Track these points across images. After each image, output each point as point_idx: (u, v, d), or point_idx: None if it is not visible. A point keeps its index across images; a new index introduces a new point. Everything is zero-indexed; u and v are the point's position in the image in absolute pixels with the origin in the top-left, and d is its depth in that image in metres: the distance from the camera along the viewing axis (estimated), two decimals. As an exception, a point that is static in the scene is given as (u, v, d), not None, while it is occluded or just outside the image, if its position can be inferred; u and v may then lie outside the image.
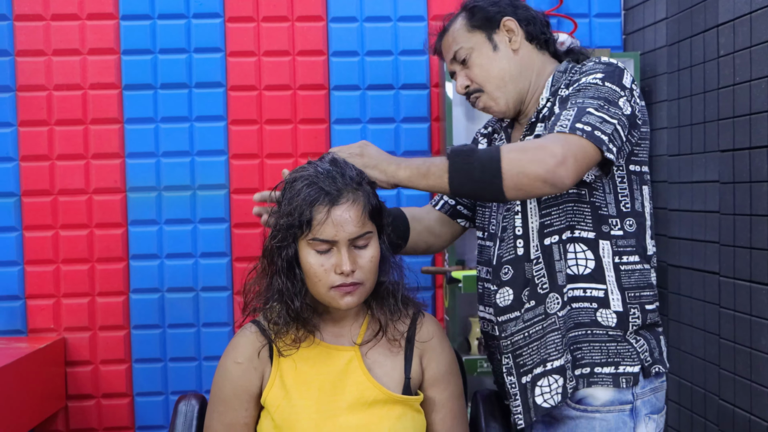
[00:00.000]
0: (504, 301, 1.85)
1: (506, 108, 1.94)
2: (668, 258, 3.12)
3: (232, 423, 1.74)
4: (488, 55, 1.92)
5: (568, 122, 1.67)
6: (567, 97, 1.77)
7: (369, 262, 1.66)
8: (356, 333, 1.77)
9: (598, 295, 1.79)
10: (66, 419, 3.29)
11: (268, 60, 3.29)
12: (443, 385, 1.80)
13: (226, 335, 3.31)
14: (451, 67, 2.00)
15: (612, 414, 1.78)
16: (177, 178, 3.28)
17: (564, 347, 1.78)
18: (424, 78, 3.34)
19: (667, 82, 3.10)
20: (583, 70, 1.82)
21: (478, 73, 1.93)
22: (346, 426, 1.67)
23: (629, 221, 1.82)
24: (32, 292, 3.26)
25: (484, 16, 1.93)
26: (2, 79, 3.22)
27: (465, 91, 1.97)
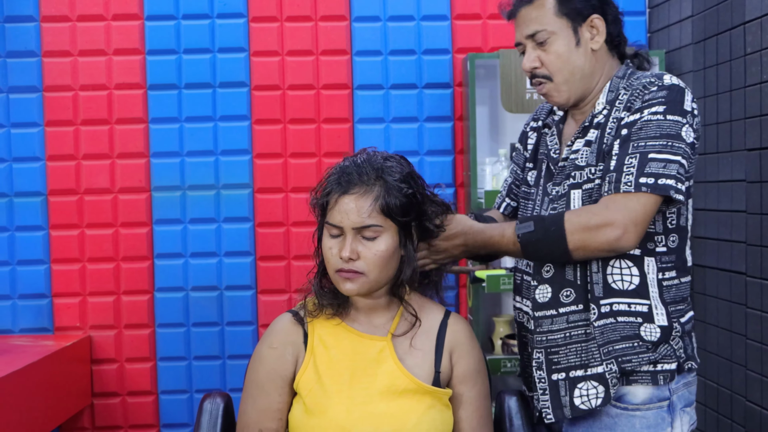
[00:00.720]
0: (543, 297, 1.89)
1: (566, 101, 1.92)
2: (694, 258, 3.10)
3: (265, 408, 1.77)
4: (569, 47, 1.87)
5: (632, 177, 1.73)
6: (628, 136, 1.78)
7: (374, 255, 1.69)
8: (389, 324, 1.81)
9: (642, 310, 1.83)
10: (92, 417, 3.33)
11: (291, 59, 3.30)
12: (471, 382, 1.82)
13: (250, 334, 3.32)
14: (522, 40, 1.92)
15: (651, 411, 1.83)
16: (201, 177, 3.30)
17: (603, 356, 1.83)
18: (447, 77, 3.34)
19: (693, 80, 3.08)
20: (645, 97, 1.80)
21: (554, 61, 1.88)
22: (376, 413, 1.70)
23: (673, 237, 1.86)
24: (59, 290, 3.30)
25: (576, 7, 1.87)
26: (29, 80, 3.26)
27: (531, 72, 1.92)
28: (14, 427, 2.61)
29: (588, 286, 1.85)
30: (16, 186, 3.27)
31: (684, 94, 1.80)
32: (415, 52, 3.32)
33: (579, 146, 1.89)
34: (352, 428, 1.69)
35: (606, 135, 1.84)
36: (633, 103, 1.82)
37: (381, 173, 1.71)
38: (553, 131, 2.00)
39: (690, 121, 1.78)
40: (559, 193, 1.90)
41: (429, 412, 1.72)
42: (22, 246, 3.29)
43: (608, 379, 1.82)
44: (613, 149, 1.80)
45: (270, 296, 3.33)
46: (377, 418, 1.70)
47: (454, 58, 3.34)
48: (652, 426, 1.82)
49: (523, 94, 3.14)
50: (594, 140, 1.86)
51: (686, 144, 1.76)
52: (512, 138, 3.33)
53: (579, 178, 1.87)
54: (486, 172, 3.24)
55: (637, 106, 1.80)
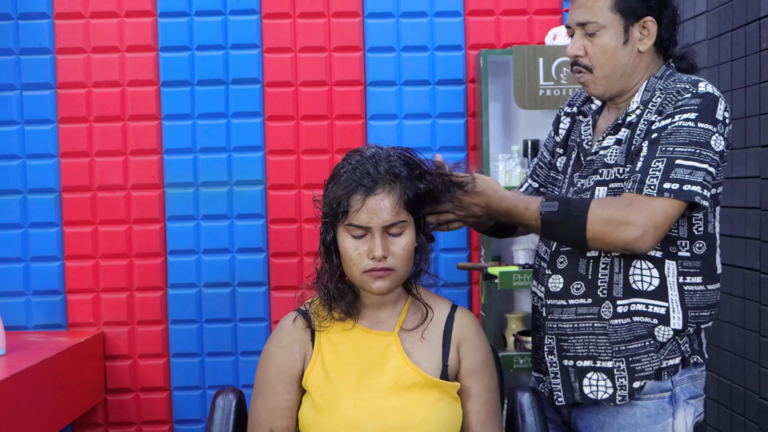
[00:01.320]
0: (555, 287, 1.93)
1: (602, 95, 1.93)
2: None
3: (274, 406, 1.78)
4: (616, 43, 1.87)
5: (656, 181, 1.75)
6: (657, 139, 1.79)
7: (402, 250, 1.71)
8: (395, 319, 1.81)
9: (660, 312, 1.85)
10: (105, 412, 3.34)
11: (304, 56, 3.30)
12: (479, 376, 1.82)
13: (263, 330, 3.33)
14: (573, 25, 1.92)
15: (652, 401, 1.87)
16: (214, 174, 3.31)
17: (614, 353, 1.87)
18: (460, 74, 3.33)
19: (707, 76, 3.06)
20: (678, 103, 1.81)
21: (599, 54, 1.88)
22: (385, 408, 1.71)
23: (699, 243, 1.87)
24: (72, 287, 3.31)
25: (633, 5, 1.87)
26: (43, 77, 3.27)
27: (574, 59, 1.92)
28: (29, 422, 2.62)
29: (598, 282, 1.88)
30: (30, 183, 3.29)
31: (717, 102, 1.80)
32: (427, 48, 3.32)
33: (609, 143, 1.90)
34: (361, 424, 1.69)
35: (635, 136, 1.86)
36: (665, 107, 1.82)
37: (395, 169, 1.71)
38: (589, 120, 2.01)
39: (721, 130, 1.79)
40: (584, 186, 1.92)
41: (437, 405, 1.73)
42: (35, 243, 3.30)
43: (616, 376, 1.86)
44: (642, 150, 1.81)
45: (282, 293, 3.33)
46: (386, 413, 1.70)
47: (467, 55, 3.33)
48: (652, 415, 1.87)
49: (536, 90, 3.14)
50: (624, 140, 1.88)
51: (715, 152, 1.78)
52: (525, 134, 3.33)
53: (606, 175, 1.88)
54: (499, 169, 3.24)
55: (669, 111, 1.81)
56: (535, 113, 3.33)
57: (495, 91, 3.32)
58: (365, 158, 1.73)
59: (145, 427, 3.35)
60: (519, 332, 3.25)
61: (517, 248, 3.27)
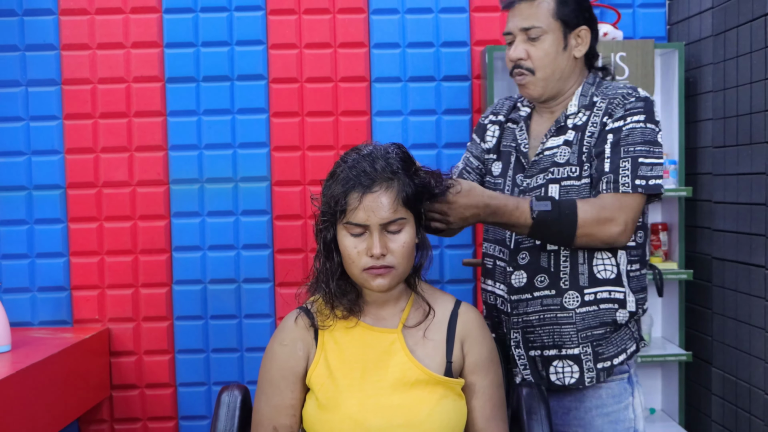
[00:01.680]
0: (518, 282, 2.08)
1: (539, 96, 2.09)
2: (713, 251, 3.09)
3: (278, 405, 1.78)
4: (557, 48, 2.05)
5: (628, 179, 1.96)
6: (617, 141, 1.99)
7: (401, 247, 1.71)
8: (399, 317, 1.81)
9: (619, 297, 2.05)
10: (111, 408, 3.34)
11: (309, 52, 3.30)
12: (484, 372, 1.82)
13: (268, 327, 3.33)
14: (514, 31, 2.07)
15: (615, 382, 2.07)
16: (219, 170, 3.31)
17: (580, 340, 2.04)
18: (465, 70, 3.33)
19: (713, 72, 3.06)
20: (627, 106, 2.01)
21: (542, 57, 2.05)
22: (389, 405, 1.71)
23: (640, 233, 2.08)
24: (77, 283, 3.31)
25: (571, 14, 2.06)
26: (48, 73, 3.27)
27: (516, 62, 2.07)
28: (35, 418, 2.63)
29: (560, 274, 2.04)
30: (35, 179, 3.29)
31: (653, 105, 2.04)
32: (433, 44, 3.32)
33: (556, 143, 2.07)
34: (365, 421, 1.69)
35: (587, 138, 2.03)
36: (614, 110, 2.01)
37: (392, 167, 1.71)
38: (522, 126, 2.16)
39: (659, 129, 2.03)
40: (531, 185, 2.07)
41: (442, 402, 1.73)
42: (41, 239, 3.30)
43: (583, 361, 2.04)
44: (605, 152, 1.99)
45: (288, 289, 3.33)
46: (390, 411, 1.70)
47: (472, 51, 3.33)
48: (616, 395, 2.06)
49: (542, 86, 3.13)
50: (574, 141, 2.04)
51: (661, 148, 2.02)
52: (530, 131, 3.32)
53: (558, 174, 2.05)
54: (504, 165, 3.24)
55: (619, 114, 2.00)
56: (540, 109, 3.32)
57: (500, 87, 3.31)
58: (362, 156, 1.73)
59: (151, 423, 3.35)
60: (524, 329, 3.24)
61: (523, 245, 3.27)
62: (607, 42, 3.15)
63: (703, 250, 3.18)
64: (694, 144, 3.24)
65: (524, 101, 2.21)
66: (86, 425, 3.34)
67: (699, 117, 3.19)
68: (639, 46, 3.15)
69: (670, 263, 3.23)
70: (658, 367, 3.42)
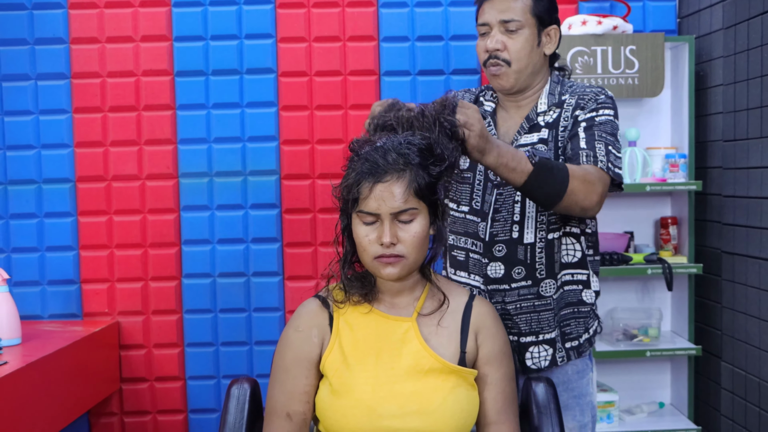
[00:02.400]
0: (495, 273, 2.14)
1: (511, 87, 2.14)
2: (722, 245, 3.08)
3: (292, 391, 1.79)
4: (532, 43, 2.12)
5: (605, 159, 2.03)
6: (591, 125, 2.07)
7: (412, 237, 1.71)
8: (414, 305, 1.82)
9: (583, 279, 2.16)
10: (120, 401, 3.35)
11: (318, 45, 3.29)
12: (497, 364, 1.82)
13: (277, 320, 3.34)
14: (492, 22, 2.11)
15: (578, 359, 2.18)
16: (228, 163, 3.31)
17: (555, 323, 2.14)
18: (475, 63, 3.32)
19: (723, 66, 3.05)
20: (598, 100, 2.10)
21: (519, 50, 2.10)
22: (402, 393, 1.72)
23: (593, 222, 2.20)
24: (87, 276, 3.32)
25: (545, 12, 2.13)
26: (57, 67, 3.28)
27: (493, 53, 2.11)
28: (45, 411, 2.64)
29: (536, 265, 2.11)
30: (45, 173, 3.30)
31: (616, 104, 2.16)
32: (442, 37, 3.31)
33: (530, 141, 2.12)
34: (378, 408, 1.70)
35: (560, 133, 2.11)
36: (586, 104, 2.10)
37: (408, 157, 1.71)
38: (489, 121, 2.20)
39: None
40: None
41: (455, 391, 1.74)
42: (50, 232, 3.31)
43: (556, 342, 2.13)
44: (579, 134, 2.06)
45: (297, 282, 3.34)
46: (403, 398, 1.71)
47: (481, 44, 3.32)
48: (580, 371, 2.17)
49: (551, 80, 3.12)
50: (549, 139, 2.11)
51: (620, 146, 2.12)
52: (539, 124, 3.32)
53: None
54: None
55: (592, 106, 2.09)
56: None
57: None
58: (375, 148, 1.73)
59: (160, 416, 3.36)
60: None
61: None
62: (617, 35, 3.14)
63: (712, 244, 3.17)
64: (704, 138, 3.23)
65: (487, 95, 2.25)
66: (96, 418, 3.35)
67: (709, 110, 3.18)
68: (649, 40, 3.14)
69: (680, 257, 3.22)
70: (667, 362, 3.42)
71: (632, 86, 3.16)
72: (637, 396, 3.42)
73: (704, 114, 3.22)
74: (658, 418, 3.28)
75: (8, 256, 3.31)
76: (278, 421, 1.78)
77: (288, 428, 1.78)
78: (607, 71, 3.14)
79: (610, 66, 3.14)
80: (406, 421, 1.70)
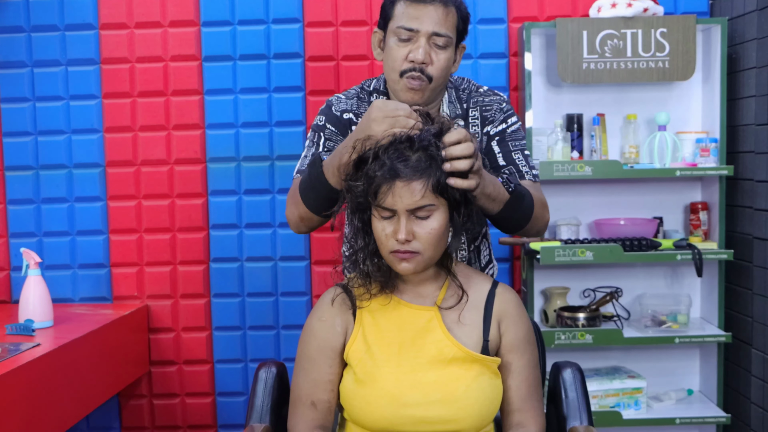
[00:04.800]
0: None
1: (423, 104, 2.04)
2: (753, 230, 3.04)
3: (316, 380, 1.80)
4: (451, 59, 2.04)
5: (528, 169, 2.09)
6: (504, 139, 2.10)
7: (428, 234, 1.70)
8: (436, 294, 1.82)
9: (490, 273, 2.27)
10: (149, 384, 3.39)
11: (345, 30, 3.29)
12: (520, 352, 1.82)
13: (304, 304, 3.35)
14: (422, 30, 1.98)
15: None
16: (256, 148, 3.32)
17: None
18: (503, 47, 3.30)
19: (757, 48, 3.00)
20: (503, 108, 2.12)
21: (443, 67, 2.02)
22: (425, 382, 1.72)
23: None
24: (116, 260, 3.35)
25: (463, 30, 2.06)
26: (87, 53, 3.30)
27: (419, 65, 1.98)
28: (76, 392, 2.67)
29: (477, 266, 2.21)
30: (75, 158, 3.33)
31: None
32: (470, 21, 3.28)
33: None
34: (402, 397, 1.70)
35: None
36: (494, 116, 2.11)
37: (430, 153, 1.69)
38: None
39: None
40: None
41: (478, 380, 1.73)
42: (81, 217, 3.35)
43: None
44: (494, 149, 2.09)
45: (324, 267, 3.35)
46: (427, 387, 1.71)
47: (509, 28, 3.29)
48: None
49: (580, 63, 3.10)
50: None
51: None
52: (568, 109, 3.29)
53: None
54: (542, 143, 3.21)
55: (500, 118, 2.11)
56: (578, 87, 3.29)
57: (538, 64, 3.28)
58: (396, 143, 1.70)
59: (188, 398, 3.40)
60: (561, 308, 3.23)
61: (560, 224, 3.25)
62: (648, 18, 3.10)
63: (744, 229, 3.13)
64: (735, 122, 3.18)
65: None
66: (126, 400, 3.39)
67: (741, 94, 3.13)
68: (680, 22, 3.10)
69: (710, 243, 3.18)
70: (696, 348, 3.39)
71: (663, 70, 3.11)
72: (666, 383, 3.39)
73: (736, 98, 3.17)
74: (686, 405, 3.26)
75: (40, 240, 3.35)
76: (303, 409, 1.79)
77: (313, 416, 1.79)
78: (637, 54, 3.10)
79: (640, 49, 3.10)
80: (429, 409, 1.70)
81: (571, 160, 3.20)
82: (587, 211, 3.36)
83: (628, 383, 3.18)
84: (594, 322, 3.16)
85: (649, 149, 3.20)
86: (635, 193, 3.35)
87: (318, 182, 1.93)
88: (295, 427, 1.79)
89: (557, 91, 3.31)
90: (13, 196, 3.34)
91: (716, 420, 3.14)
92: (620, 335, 3.11)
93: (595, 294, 3.31)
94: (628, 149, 3.23)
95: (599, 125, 3.21)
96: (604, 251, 3.05)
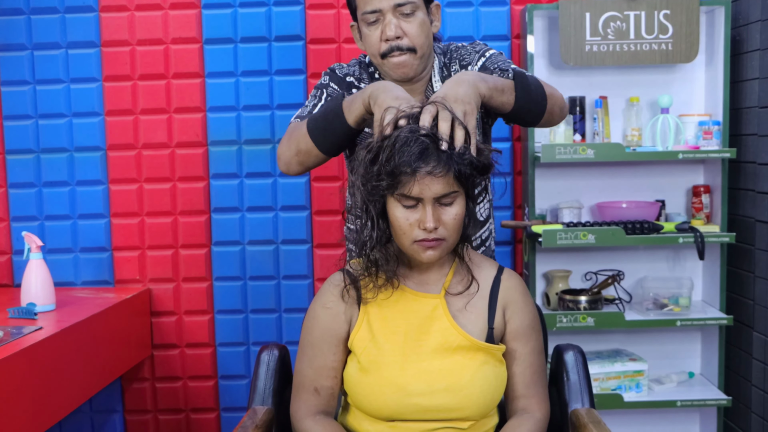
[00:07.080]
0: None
1: (416, 75, 2.04)
2: (756, 213, 3.03)
3: (320, 366, 1.79)
4: (426, 22, 2.01)
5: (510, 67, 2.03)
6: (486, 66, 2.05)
7: (453, 220, 1.69)
8: (441, 282, 1.81)
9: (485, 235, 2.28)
10: (152, 367, 3.40)
11: (347, 12, 3.26)
12: (525, 339, 1.81)
13: (306, 288, 3.35)
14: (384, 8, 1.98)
15: None
16: (257, 131, 3.31)
17: None
18: (505, 29, 3.28)
19: (761, 30, 2.98)
20: (476, 49, 2.11)
21: (419, 34, 2.00)
22: (430, 370, 1.72)
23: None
24: (118, 244, 3.35)
25: None
26: (87, 35, 3.28)
27: (394, 42, 1.99)
28: (78, 376, 2.68)
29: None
30: (76, 141, 3.32)
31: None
32: (472, 3, 3.27)
33: None
34: (406, 385, 1.70)
35: None
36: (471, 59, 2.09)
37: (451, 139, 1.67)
38: None
39: None
40: None
41: (483, 368, 1.73)
42: (82, 200, 3.34)
43: None
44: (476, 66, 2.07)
45: (325, 250, 3.35)
46: (431, 375, 1.71)
47: (512, 10, 3.28)
48: None
49: (583, 46, 3.08)
50: None
51: None
52: (571, 91, 3.28)
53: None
54: (543, 126, 3.20)
55: (477, 58, 2.08)
56: (581, 69, 3.28)
57: (541, 47, 3.26)
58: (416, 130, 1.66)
59: (191, 381, 3.41)
60: (563, 291, 3.23)
61: (562, 206, 3.24)
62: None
63: (746, 212, 3.13)
64: (739, 104, 3.17)
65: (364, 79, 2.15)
66: (128, 383, 3.40)
67: (745, 76, 3.12)
68: (683, 3, 3.08)
69: (712, 226, 3.18)
70: (697, 331, 3.39)
71: (666, 52, 3.10)
72: (667, 365, 3.40)
73: (740, 80, 3.16)
74: (687, 388, 3.27)
75: (42, 224, 3.35)
76: (306, 395, 1.79)
77: (316, 402, 1.79)
78: (640, 36, 3.09)
79: (643, 31, 3.09)
80: (434, 398, 1.70)
81: (574, 143, 3.19)
82: (589, 194, 3.35)
83: (629, 366, 3.18)
84: (596, 305, 3.16)
85: (652, 132, 3.19)
86: (637, 176, 3.35)
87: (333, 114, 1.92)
88: (297, 412, 1.80)
89: (560, 74, 3.29)
90: (14, 179, 3.34)
91: (717, 402, 3.14)
92: (622, 318, 3.11)
93: (597, 277, 3.31)
94: (630, 132, 3.23)
95: (602, 108, 3.20)
96: (606, 234, 3.04)
